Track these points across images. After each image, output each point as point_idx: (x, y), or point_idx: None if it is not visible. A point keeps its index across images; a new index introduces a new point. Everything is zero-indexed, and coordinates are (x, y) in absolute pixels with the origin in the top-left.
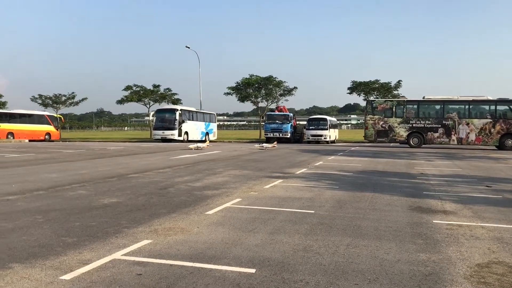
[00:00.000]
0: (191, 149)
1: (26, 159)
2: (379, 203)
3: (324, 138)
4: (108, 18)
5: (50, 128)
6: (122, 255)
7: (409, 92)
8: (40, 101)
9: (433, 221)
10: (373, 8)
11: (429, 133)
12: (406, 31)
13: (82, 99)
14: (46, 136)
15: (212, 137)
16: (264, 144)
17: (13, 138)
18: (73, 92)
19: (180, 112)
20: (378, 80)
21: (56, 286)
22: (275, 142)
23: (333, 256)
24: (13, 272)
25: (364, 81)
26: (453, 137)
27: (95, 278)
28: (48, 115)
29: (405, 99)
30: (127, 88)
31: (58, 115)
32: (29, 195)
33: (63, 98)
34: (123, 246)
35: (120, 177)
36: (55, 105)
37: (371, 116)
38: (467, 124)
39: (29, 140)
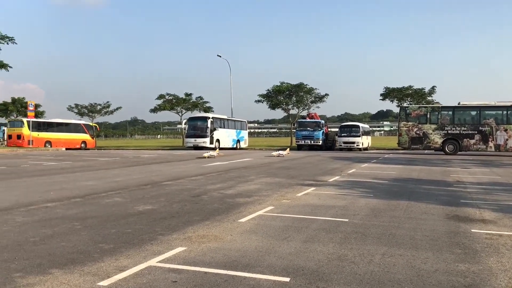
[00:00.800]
0: (205, 157)
1: (63, 167)
2: (414, 212)
3: (357, 145)
4: (141, 28)
5: (86, 136)
6: (157, 262)
7: (443, 98)
8: (76, 110)
9: (472, 230)
10: (407, 13)
11: (465, 139)
12: (441, 36)
13: (117, 108)
14: (82, 145)
15: (243, 144)
16: (281, 152)
17: (51, 146)
18: (108, 101)
19: (211, 120)
20: (412, 86)
21: None
22: (288, 149)
23: (368, 266)
24: (53, 277)
25: (397, 87)
26: (491, 144)
27: (131, 285)
28: (84, 124)
29: (440, 105)
30: (160, 97)
31: (94, 124)
32: (66, 202)
33: (99, 107)
34: (158, 253)
35: (154, 184)
36: (91, 114)
37: (404, 122)
38: (505, 130)
39: (66, 149)
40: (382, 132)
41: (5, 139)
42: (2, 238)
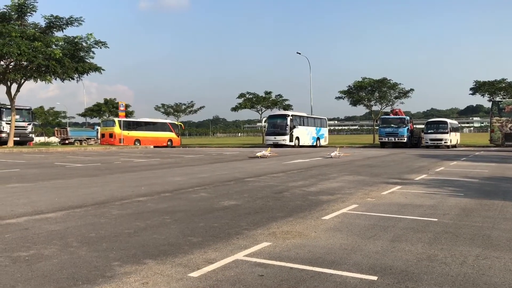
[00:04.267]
0: (258, 157)
1: (152, 164)
2: (511, 212)
3: (444, 142)
4: (222, 29)
5: (172, 135)
6: (243, 256)
7: None
8: (163, 110)
9: None
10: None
11: None
12: None
13: (200, 107)
14: (168, 142)
15: (323, 142)
16: (336, 153)
17: (140, 144)
18: (192, 101)
19: (291, 117)
20: (505, 79)
21: (186, 282)
22: (338, 149)
23: (461, 267)
24: (147, 267)
25: (488, 81)
26: None
27: (220, 277)
28: (170, 123)
29: None
30: (241, 95)
31: (179, 123)
32: (156, 197)
33: (183, 106)
34: (244, 247)
35: (237, 180)
36: (176, 113)
37: (497, 118)
38: None
39: (154, 146)
40: (472, 128)
41: (99, 137)
42: (101, 229)
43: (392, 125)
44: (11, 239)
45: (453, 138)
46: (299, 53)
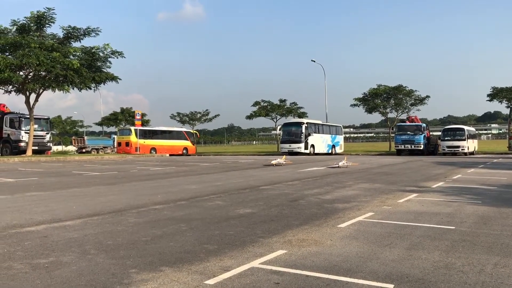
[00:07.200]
0: (273, 165)
1: (168, 172)
2: None
3: (462, 149)
4: (237, 38)
5: (187, 143)
6: (259, 263)
7: None
8: (178, 118)
9: None
10: None
11: None
12: None
13: (215, 116)
14: (184, 151)
15: (338, 149)
16: (343, 162)
17: (156, 152)
18: (207, 109)
19: (306, 125)
20: None
21: None
22: (346, 158)
23: (479, 275)
24: (164, 274)
25: (506, 87)
26: None
27: (236, 285)
28: (185, 131)
29: None
30: (256, 103)
31: (194, 131)
32: (173, 205)
33: (198, 115)
34: (259, 255)
35: (252, 188)
36: (191, 121)
37: None
38: None
39: (169, 155)
40: (490, 135)
41: (115, 146)
42: (118, 237)
43: (408, 133)
44: (30, 247)
45: (470, 145)
46: (314, 61)
